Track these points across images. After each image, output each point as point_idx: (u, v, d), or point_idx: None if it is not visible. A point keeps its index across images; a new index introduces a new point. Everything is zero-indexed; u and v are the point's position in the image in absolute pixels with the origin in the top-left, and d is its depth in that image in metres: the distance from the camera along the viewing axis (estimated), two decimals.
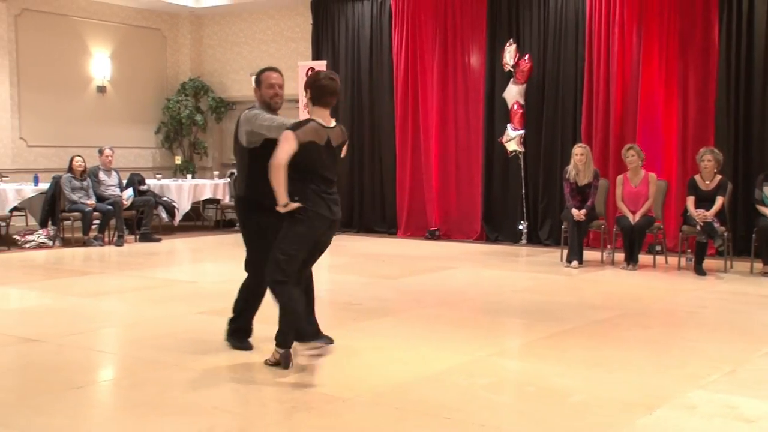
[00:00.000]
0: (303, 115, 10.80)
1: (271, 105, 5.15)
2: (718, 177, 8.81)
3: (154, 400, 4.33)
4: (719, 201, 8.69)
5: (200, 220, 14.16)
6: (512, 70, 11.26)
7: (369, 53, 12.85)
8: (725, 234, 8.73)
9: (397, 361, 5.14)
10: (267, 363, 4.88)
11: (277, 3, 13.86)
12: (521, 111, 11.25)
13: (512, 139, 11.28)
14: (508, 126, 11.32)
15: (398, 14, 12.42)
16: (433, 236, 12.08)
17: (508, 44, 11.27)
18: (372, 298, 7.32)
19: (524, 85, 11.24)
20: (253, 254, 5.17)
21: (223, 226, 13.90)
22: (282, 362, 4.81)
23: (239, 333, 5.33)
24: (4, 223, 11.07)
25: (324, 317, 5.68)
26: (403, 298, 7.50)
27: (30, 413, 4.09)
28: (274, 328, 4.86)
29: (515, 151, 11.33)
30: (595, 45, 10.80)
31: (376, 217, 12.95)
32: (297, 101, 12.26)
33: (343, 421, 4.01)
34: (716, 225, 8.56)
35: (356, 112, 12.98)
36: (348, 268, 9.22)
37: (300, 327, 4.72)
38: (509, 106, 11.35)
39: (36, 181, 11.50)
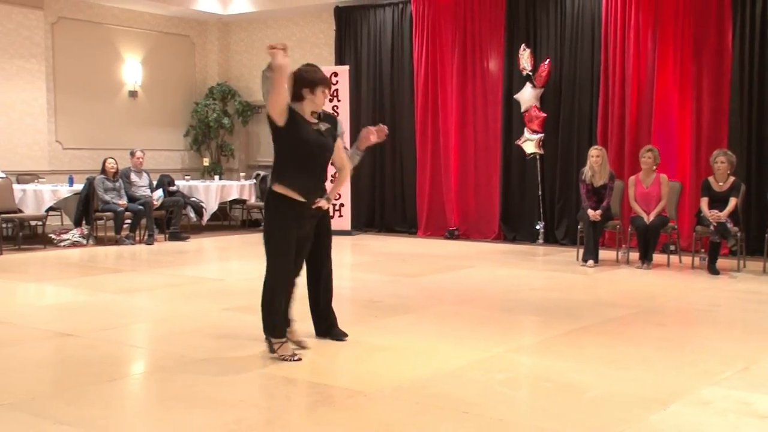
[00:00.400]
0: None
1: None
2: (732, 178, 8.73)
3: (182, 394, 4.35)
4: (732, 202, 8.61)
5: (227, 219, 14.22)
6: (530, 74, 11.23)
7: (390, 58, 12.86)
8: (738, 234, 8.64)
9: (417, 357, 5.13)
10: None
11: (301, 10, 13.90)
12: (543, 115, 11.21)
13: (530, 141, 11.25)
14: (525, 129, 11.29)
15: (418, 20, 12.41)
16: (452, 236, 12.06)
17: (522, 49, 11.24)
18: (393, 296, 7.32)
19: (541, 89, 11.21)
20: None
21: (248, 225, 13.96)
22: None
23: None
24: (40, 223, 11.19)
25: (346, 314, 5.70)
26: (423, 295, 7.50)
27: (65, 405, 4.13)
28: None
29: (534, 153, 11.30)
30: (610, 49, 10.74)
31: (396, 217, 12.96)
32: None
33: (364, 415, 4.01)
34: (729, 225, 8.49)
35: (377, 116, 12.97)
36: (369, 267, 9.22)
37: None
38: (522, 108, 11.34)
39: (71, 182, 11.61)
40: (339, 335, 5.45)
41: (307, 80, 4.86)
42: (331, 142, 4.99)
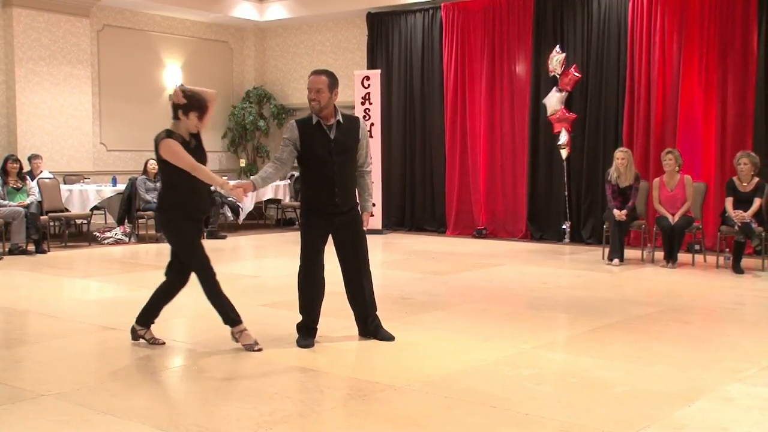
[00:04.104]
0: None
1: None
2: (756, 179, 8.60)
3: (220, 386, 4.38)
4: (757, 202, 8.49)
5: (262, 218, 14.30)
6: (558, 77, 11.16)
7: (421, 62, 12.83)
8: (763, 234, 8.51)
9: (446, 353, 5.12)
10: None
11: (335, 16, 13.92)
12: (573, 116, 11.14)
13: (565, 146, 11.19)
14: (563, 131, 11.19)
15: (448, 25, 12.38)
16: (480, 235, 12.01)
17: (555, 52, 11.16)
18: (423, 293, 7.30)
19: (566, 93, 11.14)
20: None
21: (283, 224, 14.02)
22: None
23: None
24: (85, 221, 11.33)
25: (378, 311, 5.66)
26: (452, 292, 7.47)
27: (109, 395, 4.17)
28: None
29: (567, 156, 11.27)
30: (636, 52, 10.64)
31: (426, 216, 12.93)
32: (353, 108, 12.31)
33: (395, 408, 4.01)
34: (754, 225, 8.37)
35: (408, 118, 12.99)
36: (400, 265, 9.21)
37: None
38: (549, 112, 11.28)
39: (114, 182, 11.74)
40: (387, 336, 5.34)
41: (181, 104, 5.17)
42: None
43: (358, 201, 5.32)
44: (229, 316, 5.09)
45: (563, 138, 11.20)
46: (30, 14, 11.97)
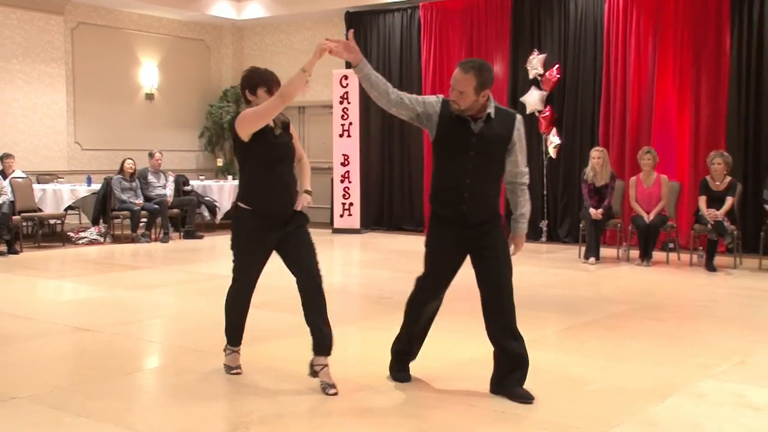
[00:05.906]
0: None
1: None
2: (728, 178, 8.72)
3: (196, 387, 4.37)
4: (729, 201, 8.60)
5: None
6: (539, 78, 11.22)
7: (399, 61, 12.85)
8: (735, 232, 8.63)
9: (424, 352, 5.11)
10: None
11: (313, 15, 13.90)
12: (553, 116, 11.21)
13: (553, 145, 11.24)
14: (553, 131, 11.23)
15: (426, 25, 12.41)
16: None
17: (533, 54, 11.22)
18: (401, 292, 7.24)
19: (547, 92, 11.21)
20: None
21: None
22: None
23: None
24: (59, 221, 11.23)
25: (355, 310, 5.69)
26: None
27: (83, 397, 4.14)
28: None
29: (550, 155, 11.31)
30: (612, 53, 10.73)
31: (405, 215, 12.95)
32: (331, 107, 12.30)
33: (372, 408, 4.02)
34: (726, 224, 8.47)
35: (386, 118, 12.98)
36: (378, 264, 9.22)
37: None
38: (528, 110, 11.34)
39: (89, 182, 11.64)
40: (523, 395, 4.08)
41: (246, 82, 4.40)
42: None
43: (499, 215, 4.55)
44: (231, 333, 4.61)
45: (555, 139, 11.22)
46: (2, 11, 11.83)
